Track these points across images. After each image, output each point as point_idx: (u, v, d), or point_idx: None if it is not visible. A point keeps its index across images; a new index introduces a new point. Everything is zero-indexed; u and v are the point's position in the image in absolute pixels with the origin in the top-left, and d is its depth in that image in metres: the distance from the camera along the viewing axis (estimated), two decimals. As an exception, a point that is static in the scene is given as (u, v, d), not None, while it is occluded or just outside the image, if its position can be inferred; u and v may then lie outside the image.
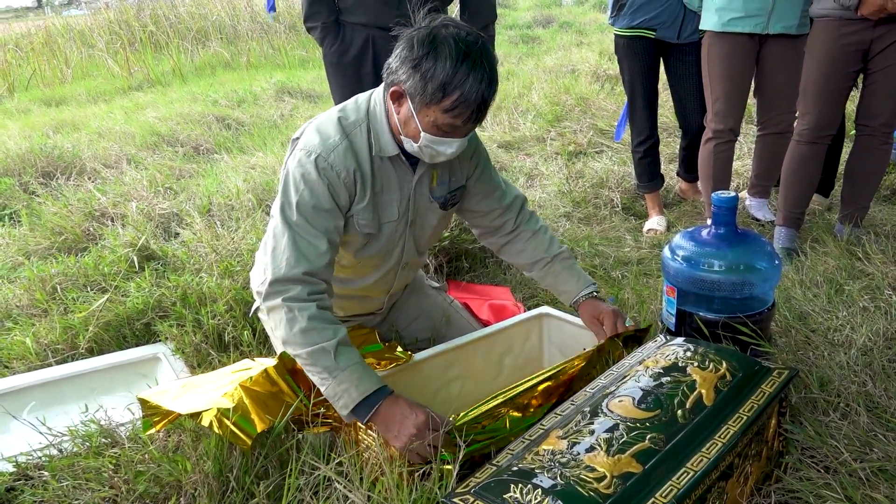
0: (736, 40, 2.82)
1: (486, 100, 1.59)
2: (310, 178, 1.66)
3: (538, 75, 6.60)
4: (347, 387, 1.53)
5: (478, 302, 2.52)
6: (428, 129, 1.62)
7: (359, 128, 1.72)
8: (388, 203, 1.79)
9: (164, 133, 5.32)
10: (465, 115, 1.59)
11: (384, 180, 1.77)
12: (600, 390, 1.47)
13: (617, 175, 3.90)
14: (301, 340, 1.57)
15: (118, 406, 1.91)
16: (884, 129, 2.72)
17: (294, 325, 1.57)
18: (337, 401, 1.54)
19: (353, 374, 1.54)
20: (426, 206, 1.87)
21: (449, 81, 1.54)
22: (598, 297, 1.97)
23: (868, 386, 1.71)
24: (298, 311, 1.58)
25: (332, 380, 1.54)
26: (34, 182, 4.19)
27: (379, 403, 1.52)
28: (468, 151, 1.89)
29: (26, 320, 2.50)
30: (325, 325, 1.59)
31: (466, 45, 1.55)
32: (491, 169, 1.99)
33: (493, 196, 1.98)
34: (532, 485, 1.18)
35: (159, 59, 9.48)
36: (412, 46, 1.57)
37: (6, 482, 1.69)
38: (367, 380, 1.55)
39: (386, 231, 1.82)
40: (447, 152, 1.67)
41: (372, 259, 1.87)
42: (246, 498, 1.52)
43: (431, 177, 1.84)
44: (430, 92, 1.55)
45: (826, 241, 2.75)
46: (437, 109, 1.58)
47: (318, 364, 1.56)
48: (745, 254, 1.80)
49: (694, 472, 1.23)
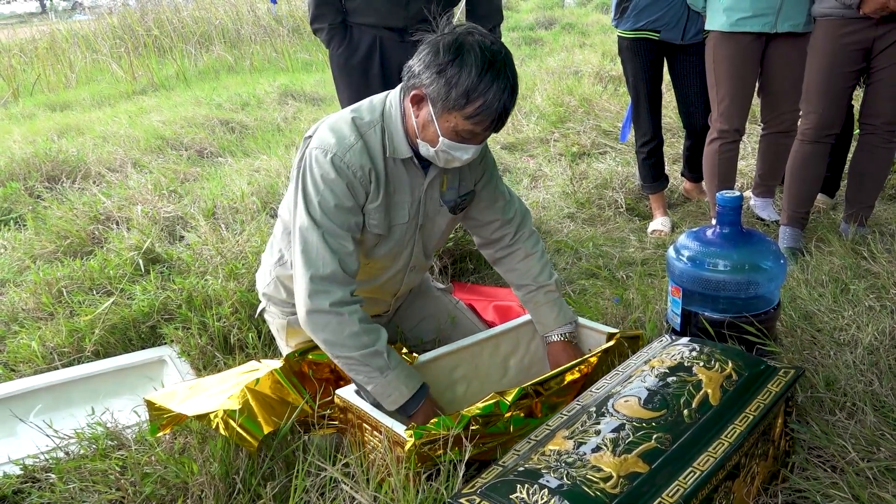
0: (743, 40, 2.82)
1: (507, 109, 1.61)
2: (329, 178, 1.67)
3: (541, 77, 6.60)
4: (398, 385, 1.65)
5: (483, 303, 2.53)
6: (447, 135, 1.64)
7: (373, 129, 1.73)
8: (400, 205, 1.80)
9: (169, 137, 5.34)
10: (486, 123, 1.61)
11: (396, 182, 1.78)
12: (606, 390, 1.47)
13: (621, 176, 3.90)
14: (353, 343, 1.65)
15: (124, 409, 1.91)
16: (887, 128, 2.71)
17: (345, 329, 1.65)
18: (387, 397, 1.65)
19: (401, 372, 1.67)
20: (436, 210, 1.88)
21: (473, 89, 1.56)
22: (571, 339, 1.97)
23: (874, 385, 1.70)
24: (349, 315, 1.65)
25: (382, 378, 1.65)
26: (39, 186, 4.20)
27: (423, 400, 1.68)
28: (478, 157, 1.90)
29: (32, 324, 2.50)
30: (372, 326, 1.69)
31: (492, 53, 1.57)
32: (497, 178, 1.99)
33: (496, 206, 1.99)
34: (538, 485, 1.18)
35: (163, 63, 9.51)
36: (437, 52, 1.59)
37: (14, 485, 1.70)
38: (413, 378, 1.69)
39: (396, 233, 1.83)
40: (463, 158, 1.69)
41: (381, 260, 1.88)
42: (252, 499, 1.52)
43: (442, 181, 1.85)
44: (454, 98, 1.57)
45: (831, 240, 2.74)
46: (458, 116, 1.60)
47: (371, 364, 1.65)
48: (751, 253, 1.80)
49: (700, 471, 1.22)
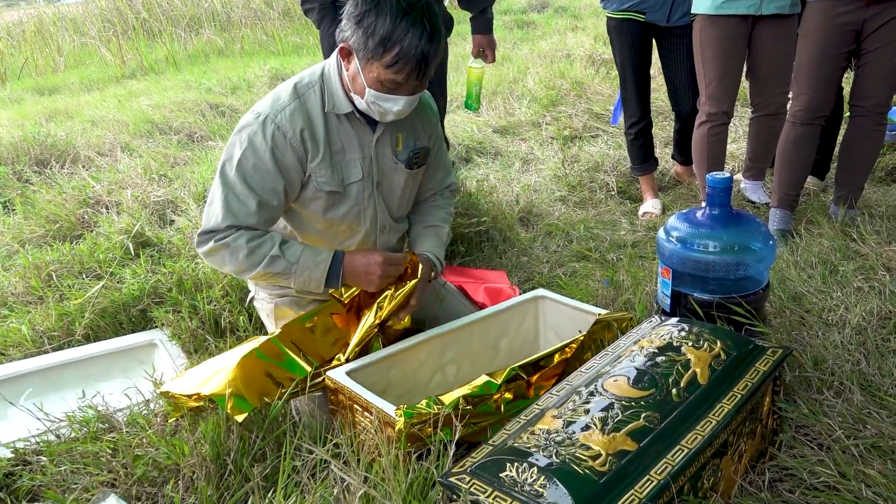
0: (728, 22, 2.81)
1: (426, 56, 1.63)
2: (254, 139, 1.74)
3: (533, 60, 6.57)
4: (310, 273, 1.76)
5: (473, 285, 2.53)
6: (372, 85, 1.69)
7: (312, 89, 1.80)
8: (351, 163, 1.85)
9: (158, 121, 5.30)
10: (406, 71, 1.64)
11: (343, 140, 1.83)
12: (595, 370, 1.48)
13: (612, 159, 3.90)
14: (251, 262, 1.74)
15: (115, 392, 1.91)
16: (877, 111, 2.71)
17: (238, 254, 1.74)
18: (311, 288, 1.78)
19: (306, 261, 1.76)
20: (391, 168, 1.92)
21: (388, 37, 1.60)
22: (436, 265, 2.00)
23: (862, 364, 1.72)
24: (234, 241, 1.74)
25: (294, 276, 1.76)
26: (28, 170, 4.17)
27: (341, 269, 1.77)
28: (431, 116, 1.99)
29: (22, 307, 2.49)
30: (261, 239, 1.76)
31: (408, 2, 1.60)
32: (444, 151, 2.10)
33: (437, 176, 2.11)
34: (528, 463, 1.19)
35: (152, 46, 9.41)
36: (357, 3, 1.64)
37: (5, 468, 1.69)
38: (319, 257, 1.77)
39: (353, 192, 1.87)
40: (393, 109, 1.73)
41: (345, 221, 1.91)
42: (243, 481, 1.52)
43: (396, 140, 1.89)
44: (372, 47, 1.62)
45: (821, 222, 2.75)
46: (378, 65, 1.64)
47: (276, 270, 1.75)
48: (740, 234, 1.81)
49: (688, 449, 1.23)
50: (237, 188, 1.74)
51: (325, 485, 1.42)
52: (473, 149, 4.45)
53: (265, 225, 1.80)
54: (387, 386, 1.76)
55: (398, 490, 1.33)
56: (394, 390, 1.78)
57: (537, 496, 1.13)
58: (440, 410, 1.43)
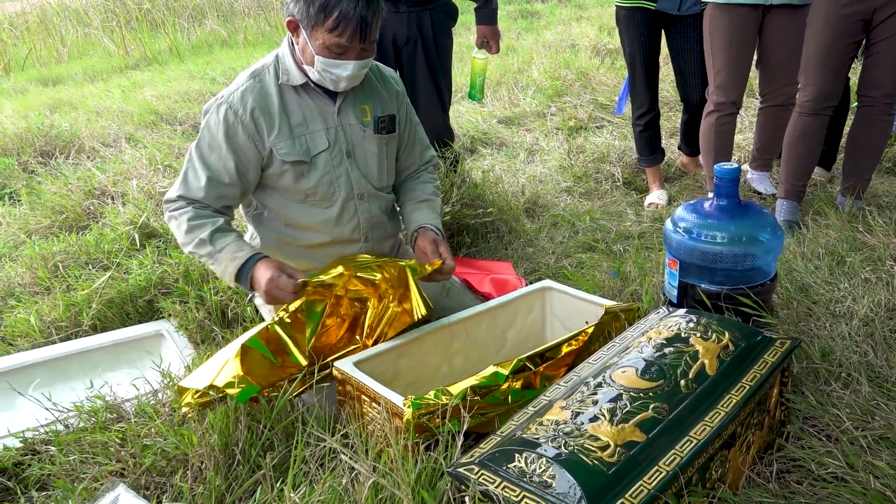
0: (738, 12, 2.80)
1: (364, 17, 1.74)
2: (209, 119, 1.90)
3: (538, 50, 6.55)
4: (225, 266, 1.83)
5: (479, 276, 2.53)
6: (320, 52, 1.79)
7: (267, 69, 1.92)
8: (316, 134, 1.94)
9: (163, 111, 5.30)
10: (348, 32, 1.75)
11: (305, 112, 1.93)
12: (603, 361, 1.48)
13: (618, 150, 3.89)
14: (187, 239, 1.86)
15: (123, 382, 1.92)
16: (885, 101, 2.70)
17: (181, 229, 1.86)
18: (225, 280, 1.87)
19: (227, 253, 1.83)
20: (360, 136, 1.99)
21: (327, 2, 1.72)
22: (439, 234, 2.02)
23: (869, 356, 1.71)
24: (179, 216, 1.87)
25: (215, 263, 1.85)
26: (33, 161, 4.18)
27: (250, 272, 1.82)
28: (397, 87, 2.08)
29: (29, 298, 2.50)
30: (202, 220, 1.85)
31: None
32: (421, 130, 2.19)
33: (415, 151, 2.18)
34: (536, 454, 1.19)
35: (156, 37, 9.39)
36: None
37: (14, 457, 1.71)
38: (238, 254, 1.82)
39: (321, 161, 1.95)
40: (344, 75, 1.83)
41: (318, 190, 1.97)
42: (252, 470, 1.53)
43: (364, 111, 1.97)
44: (314, 14, 1.74)
45: (828, 213, 2.74)
46: (322, 31, 1.76)
47: (202, 253, 1.85)
48: (748, 225, 1.80)
49: (697, 440, 1.24)
50: (194, 163, 1.90)
51: (335, 474, 1.43)
52: (478, 139, 4.44)
53: (215, 202, 1.90)
54: (394, 376, 1.76)
55: (406, 480, 1.33)
56: (401, 381, 1.78)
57: (546, 487, 1.13)
58: (448, 401, 1.43)
